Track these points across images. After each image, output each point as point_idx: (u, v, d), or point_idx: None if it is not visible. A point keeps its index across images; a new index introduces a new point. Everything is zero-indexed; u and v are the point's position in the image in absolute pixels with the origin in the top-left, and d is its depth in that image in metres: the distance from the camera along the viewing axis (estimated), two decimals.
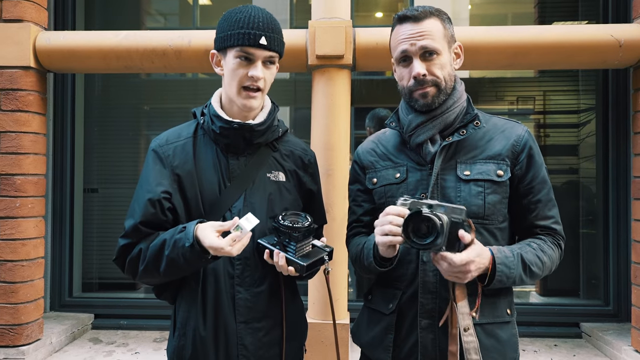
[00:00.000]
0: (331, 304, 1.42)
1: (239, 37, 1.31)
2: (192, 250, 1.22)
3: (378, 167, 1.46)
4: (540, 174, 1.37)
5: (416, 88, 1.33)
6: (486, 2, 4.64)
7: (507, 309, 1.37)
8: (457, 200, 1.32)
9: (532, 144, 1.37)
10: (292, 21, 4.20)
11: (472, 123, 1.36)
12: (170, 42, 2.84)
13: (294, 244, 1.28)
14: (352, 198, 1.54)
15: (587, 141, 3.75)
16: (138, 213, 1.33)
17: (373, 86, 4.10)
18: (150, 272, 1.32)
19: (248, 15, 1.33)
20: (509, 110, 4.09)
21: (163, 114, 4.17)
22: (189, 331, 1.36)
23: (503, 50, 2.78)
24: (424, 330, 1.32)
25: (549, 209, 1.37)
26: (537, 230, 1.37)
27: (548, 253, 1.34)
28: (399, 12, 1.37)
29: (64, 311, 3.59)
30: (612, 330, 3.17)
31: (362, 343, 1.47)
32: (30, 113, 2.86)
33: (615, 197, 3.41)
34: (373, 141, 1.53)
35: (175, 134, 1.44)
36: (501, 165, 1.34)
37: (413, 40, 1.32)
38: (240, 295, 1.36)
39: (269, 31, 1.33)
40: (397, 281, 1.38)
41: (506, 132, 1.38)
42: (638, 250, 2.74)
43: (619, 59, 2.74)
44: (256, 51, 1.32)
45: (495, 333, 1.33)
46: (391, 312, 1.38)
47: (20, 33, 2.82)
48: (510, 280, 1.26)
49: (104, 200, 3.93)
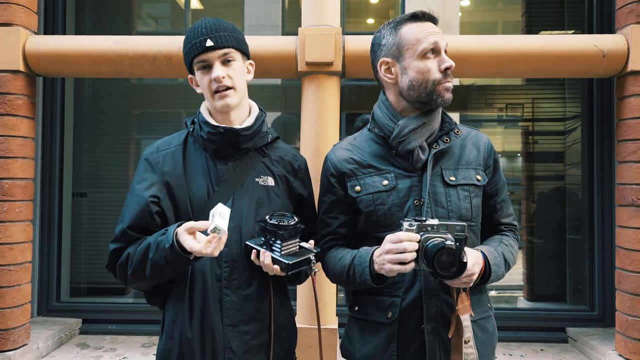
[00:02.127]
0: (316, 305, 1.43)
1: (190, 50, 1.39)
2: (172, 252, 1.24)
3: (359, 174, 1.43)
4: (502, 176, 1.51)
5: (445, 80, 1.36)
6: (476, 10, 4.70)
7: (488, 302, 1.47)
8: (448, 205, 1.37)
9: (494, 149, 1.50)
10: (284, 27, 4.23)
11: (452, 131, 1.43)
12: (160, 47, 2.85)
13: (279, 242, 1.30)
14: (324, 210, 1.50)
15: (574, 148, 3.80)
16: (127, 218, 1.37)
17: (363, 92, 4.14)
18: (138, 277, 1.34)
19: (193, 28, 1.39)
20: (497, 117, 4.14)
21: (153, 118, 4.17)
22: (176, 333, 1.37)
23: (491, 59, 2.82)
24: (430, 334, 1.33)
25: (509, 207, 1.51)
26: (502, 227, 1.50)
27: (515, 247, 1.47)
28: (415, 11, 1.38)
29: (51, 316, 3.56)
30: (597, 335, 3.22)
31: (358, 357, 1.42)
32: (19, 117, 2.85)
33: (600, 203, 3.46)
34: (347, 149, 1.49)
35: (166, 142, 1.49)
36: (478, 170, 1.43)
37: (436, 35, 1.36)
38: (228, 298, 1.37)
39: (213, 32, 1.37)
40: (392, 289, 1.37)
41: (474, 139, 1.47)
42: (622, 256, 2.79)
43: (602, 68, 2.80)
44: (207, 55, 1.37)
45: (485, 326, 1.42)
46: (393, 321, 1.36)
47: (9, 37, 2.81)
48: (498, 278, 1.35)
49: (93, 205, 3.91)
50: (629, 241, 2.72)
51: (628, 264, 2.73)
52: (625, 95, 2.79)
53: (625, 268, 2.75)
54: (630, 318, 2.70)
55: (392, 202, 1.38)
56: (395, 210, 1.38)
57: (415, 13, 1.38)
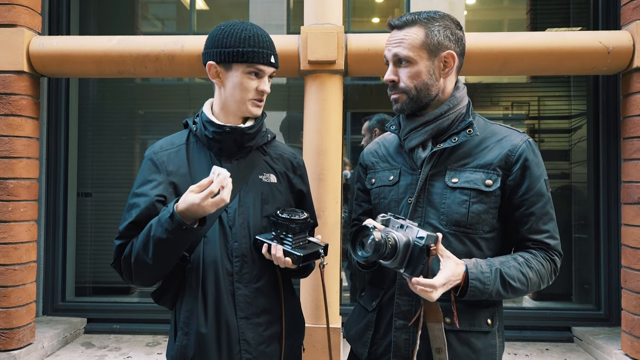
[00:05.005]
0: (324, 298, 1.46)
1: (251, 54, 1.40)
2: (172, 221, 1.24)
3: (377, 168, 1.50)
4: (537, 186, 1.32)
5: (389, 93, 1.39)
6: (481, 9, 4.68)
7: (487, 319, 1.35)
8: (441, 207, 1.33)
9: (528, 155, 1.32)
10: (289, 26, 4.23)
11: (465, 130, 1.34)
12: (163, 47, 2.86)
13: (291, 236, 1.35)
14: (355, 196, 1.62)
15: (580, 146, 3.77)
16: (132, 214, 1.38)
17: (367, 91, 4.13)
18: (142, 263, 1.33)
19: (254, 34, 1.42)
20: (503, 115, 4.12)
21: (157, 118, 4.19)
22: (192, 330, 1.39)
23: (494, 57, 2.80)
24: (398, 330, 1.35)
25: (544, 223, 1.32)
26: (529, 243, 1.34)
27: (535, 268, 1.30)
28: (389, 19, 1.39)
29: (56, 315, 3.58)
30: (603, 334, 3.19)
31: (349, 336, 1.52)
32: (23, 117, 2.87)
33: (606, 201, 3.43)
34: (377, 142, 1.58)
35: (168, 142, 1.52)
36: (491, 174, 1.31)
37: (390, 47, 1.36)
38: (240, 292, 1.40)
39: (273, 49, 1.45)
40: (381, 281, 1.43)
41: (503, 141, 1.34)
42: (628, 255, 2.76)
43: (607, 65, 2.77)
44: (266, 68, 1.43)
45: (470, 342, 1.32)
46: (373, 310, 1.43)
47: (13, 38, 2.83)
48: (485, 295, 1.25)
49: (98, 205, 3.93)
50: (634, 239, 2.70)
51: (634, 263, 2.70)
52: (631, 92, 2.76)
53: (631, 267, 2.72)
54: (636, 317, 2.67)
55: (392, 197, 1.41)
56: (393, 205, 1.41)
57: (388, 22, 1.39)
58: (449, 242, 1.31)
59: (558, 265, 1.35)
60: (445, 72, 1.36)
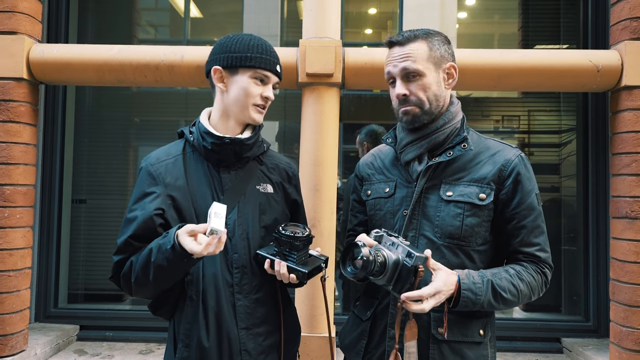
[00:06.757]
0: (327, 310, 1.48)
1: (259, 60, 1.43)
2: (174, 252, 1.25)
3: (373, 179, 1.53)
4: (528, 200, 1.35)
5: (400, 107, 1.40)
6: (473, 23, 4.76)
7: (479, 330, 1.38)
8: (436, 219, 1.36)
9: (521, 170, 1.36)
10: (282, 37, 4.28)
11: (460, 145, 1.38)
12: (163, 57, 2.89)
13: (295, 253, 1.35)
14: (350, 207, 1.63)
15: (569, 160, 3.85)
16: (130, 229, 1.37)
17: (362, 103, 4.18)
18: (142, 283, 1.35)
19: (262, 43, 1.46)
20: (494, 128, 4.20)
21: (153, 126, 4.20)
22: (193, 342, 1.39)
23: (488, 73, 2.87)
24: (392, 339, 1.37)
25: (535, 236, 1.36)
26: (521, 256, 1.37)
27: (526, 280, 1.34)
28: (388, 37, 1.42)
29: (49, 322, 3.55)
30: (592, 346, 3.24)
31: (343, 345, 1.54)
32: (21, 124, 2.88)
33: (595, 215, 3.49)
34: (373, 154, 1.60)
35: (164, 152, 1.50)
36: (485, 188, 1.35)
37: (396, 62, 1.38)
38: (240, 303, 1.42)
39: (279, 61, 1.49)
40: (376, 292, 1.45)
41: (496, 155, 1.38)
42: (616, 268, 2.82)
43: (597, 83, 2.85)
44: (271, 75, 1.46)
45: (462, 352, 1.35)
46: (367, 319, 1.46)
47: (14, 45, 2.84)
48: (477, 306, 1.28)
49: (92, 212, 3.92)
50: (623, 253, 2.76)
51: (622, 275, 2.76)
52: (620, 110, 2.84)
53: (619, 279, 2.79)
54: (624, 329, 2.73)
55: (387, 209, 1.44)
56: (388, 217, 1.44)
57: (386, 40, 1.42)
58: (443, 254, 1.35)
59: (549, 277, 1.40)
60: (449, 84, 1.42)
